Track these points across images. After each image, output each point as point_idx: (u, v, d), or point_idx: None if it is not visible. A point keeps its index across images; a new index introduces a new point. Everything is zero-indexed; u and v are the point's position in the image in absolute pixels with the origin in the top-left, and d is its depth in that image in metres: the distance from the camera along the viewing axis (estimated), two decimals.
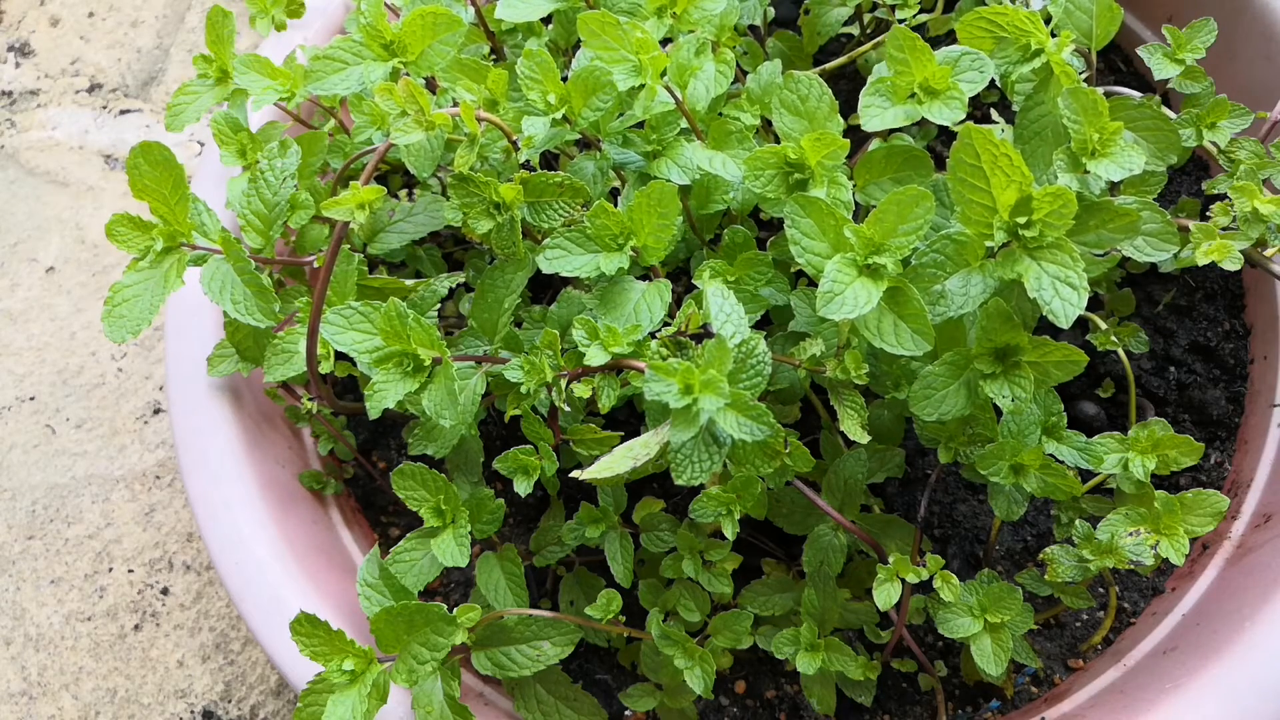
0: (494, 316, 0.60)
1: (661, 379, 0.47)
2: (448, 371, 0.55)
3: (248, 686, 0.93)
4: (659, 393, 0.46)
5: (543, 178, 0.57)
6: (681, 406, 0.46)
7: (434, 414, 0.55)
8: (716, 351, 0.47)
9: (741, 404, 0.46)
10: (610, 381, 0.54)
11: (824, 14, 0.75)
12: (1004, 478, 0.59)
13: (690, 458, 0.49)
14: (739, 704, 0.73)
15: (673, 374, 0.46)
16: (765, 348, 0.48)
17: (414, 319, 0.54)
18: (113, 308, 0.57)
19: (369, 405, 0.55)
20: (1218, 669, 0.59)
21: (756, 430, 0.46)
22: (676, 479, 0.48)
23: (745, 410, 0.46)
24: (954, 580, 0.61)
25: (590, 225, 0.57)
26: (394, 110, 0.52)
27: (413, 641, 0.56)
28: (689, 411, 0.46)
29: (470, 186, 0.57)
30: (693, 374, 0.46)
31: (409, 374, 0.55)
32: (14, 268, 1.17)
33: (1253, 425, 0.77)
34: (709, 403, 0.46)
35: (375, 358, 0.55)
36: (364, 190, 0.52)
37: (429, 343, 0.55)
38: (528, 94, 0.58)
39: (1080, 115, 0.53)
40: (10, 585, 0.99)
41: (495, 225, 0.58)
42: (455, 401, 0.55)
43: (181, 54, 1.31)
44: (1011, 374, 0.53)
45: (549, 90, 0.58)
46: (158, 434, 1.05)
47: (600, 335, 0.52)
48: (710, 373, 0.46)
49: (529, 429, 0.61)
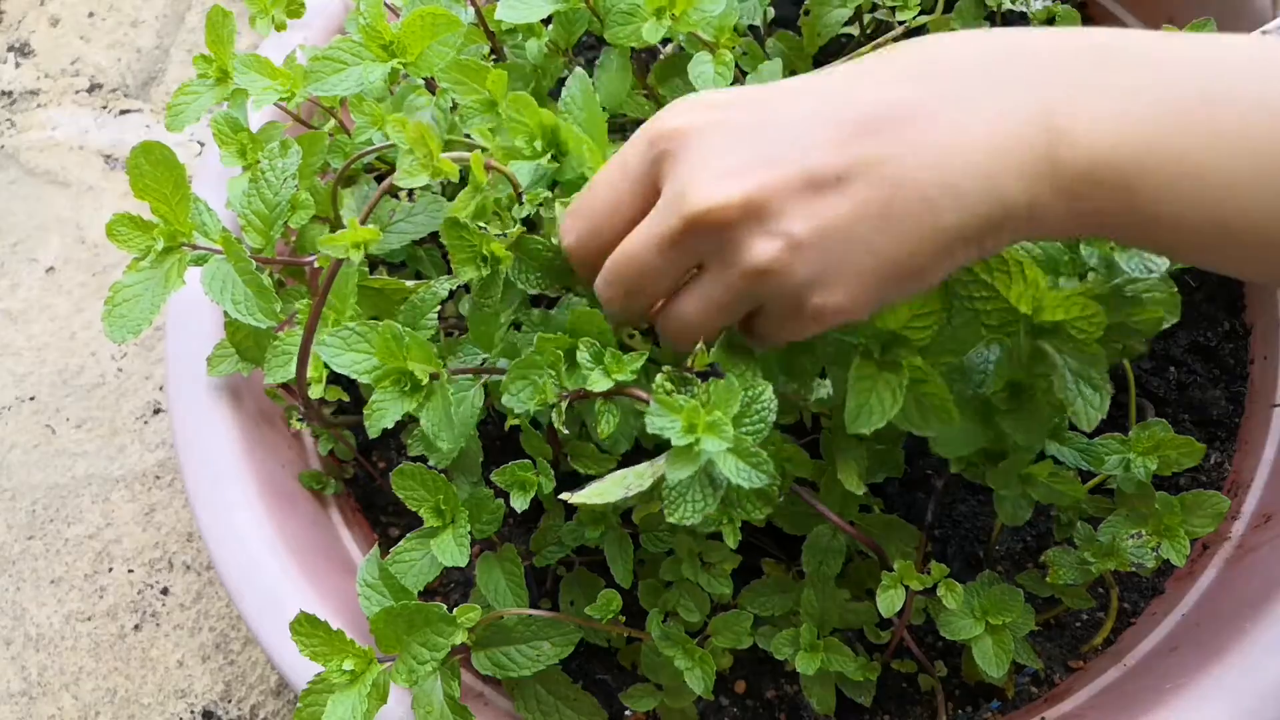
0: (490, 330, 0.60)
1: (666, 414, 0.46)
2: (444, 391, 0.55)
3: (248, 686, 0.93)
4: (661, 427, 0.46)
5: (536, 243, 0.56)
6: (683, 445, 0.46)
7: (432, 435, 0.55)
8: (725, 394, 0.46)
9: (744, 450, 0.46)
10: (610, 408, 0.53)
11: (824, 14, 0.75)
12: (1011, 488, 0.59)
13: (685, 496, 0.48)
14: (739, 704, 0.73)
15: (678, 411, 0.46)
16: (772, 395, 0.47)
17: (410, 337, 0.54)
18: (113, 308, 0.57)
19: (368, 425, 0.55)
20: (1218, 669, 0.59)
21: (756, 478, 0.45)
22: (669, 517, 0.48)
23: (747, 456, 0.46)
24: (958, 589, 0.61)
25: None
26: (403, 145, 0.51)
27: (413, 641, 0.56)
28: (690, 451, 0.46)
29: (464, 234, 0.55)
30: (698, 414, 0.46)
31: (406, 393, 0.55)
32: (14, 268, 1.17)
33: (1253, 425, 0.77)
34: (711, 444, 0.45)
35: (374, 377, 0.55)
36: (362, 231, 0.51)
37: (426, 359, 0.55)
38: (513, 139, 0.57)
39: None
40: (10, 585, 0.99)
41: (479, 277, 0.56)
42: (452, 423, 0.55)
43: (181, 54, 1.31)
44: (1026, 407, 0.52)
45: (535, 135, 0.57)
46: (158, 434, 1.05)
47: (605, 360, 0.52)
48: (716, 414, 0.46)
49: (528, 444, 0.61)
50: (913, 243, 0.40)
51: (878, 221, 0.40)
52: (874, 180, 0.40)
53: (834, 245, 0.41)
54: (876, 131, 0.41)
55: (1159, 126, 0.38)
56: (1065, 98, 0.39)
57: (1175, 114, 0.38)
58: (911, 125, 0.40)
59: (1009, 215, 0.40)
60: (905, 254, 0.41)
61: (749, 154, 0.43)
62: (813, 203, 0.41)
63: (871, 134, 0.41)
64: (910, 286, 0.43)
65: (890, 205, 0.40)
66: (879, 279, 0.42)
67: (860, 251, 0.41)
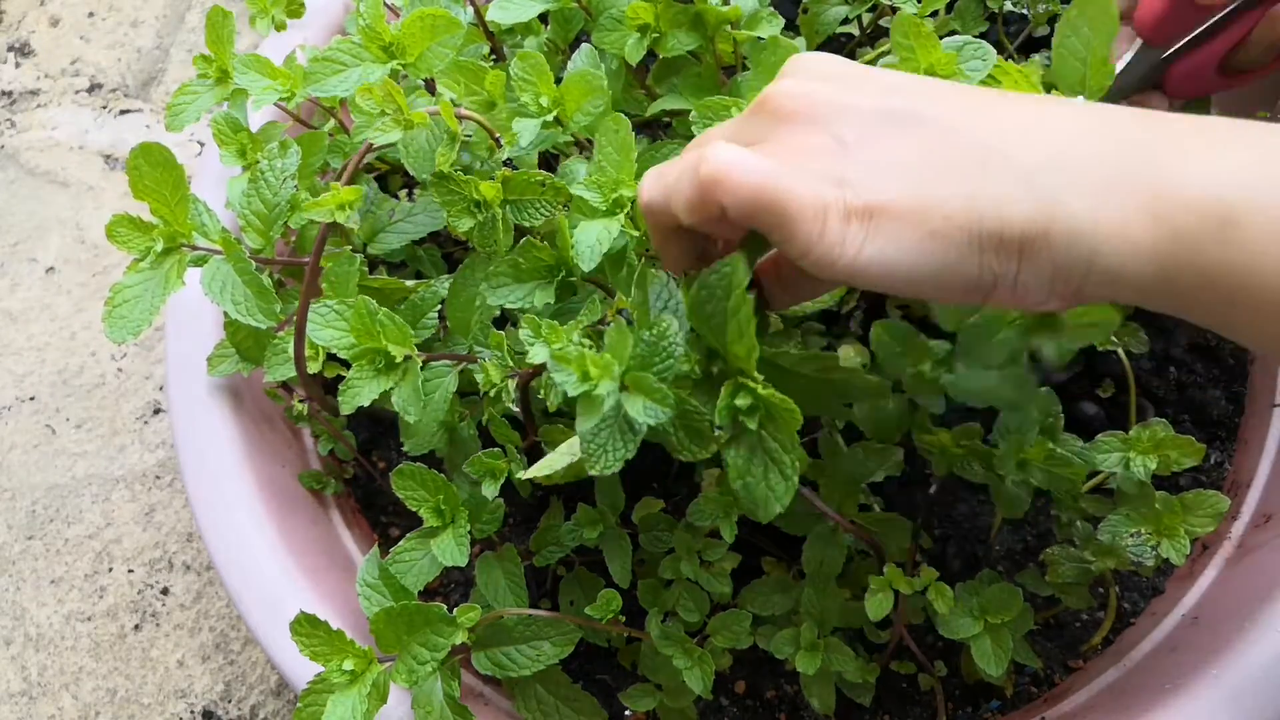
0: (467, 316, 0.61)
1: (562, 368, 0.45)
2: (414, 368, 0.56)
3: (248, 686, 0.93)
4: (561, 381, 0.45)
5: (524, 176, 0.57)
6: (581, 393, 0.45)
7: (401, 410, 0.56)
8: (616, 337, 0.45)
9: (645, 386, 0.44)
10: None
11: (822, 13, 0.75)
12: (1010, 472, 0.59)
13: (604, 446, 0.47)
14: (739, 704, 0.73)
15: (569, 361, 0.45)
16: (678, 331, 0.45)
17: (384, 315, 0.55)
18: (113, 308, 0.57)
19: (341, 401, 0.56)
20: (1218, 669, 0.59)
21: (660, 413, 0.44)
22: (590, 469, 0.47)
23: (649, 392, 0.44)
24: (948, 592, 0.61)
25: (522, 259, 0.58)
26: (375, 109, 0.53)
27: (413, 642, 0.56)
28: (589, 398, 0.45)
29: (451, 185, 0.57)
30: (589, 359, 0.45)
31: (381, 371, 0.56)
32: (14, 268, 1.17)
33: (1253, 425, 0.77)
34: (605, 386, 0.45)
35: (351, 354, 0.56)
36: (344, 191, 0.52)
37: (401, 340, 0.55)
38: (520, 95, 0.58)
39: None
40: (10, 585, 0.99)
41: (477, 223, 0.58)
42: (420, 398, 0.55)
43: (181, 54, 1.31)
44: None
45: (542, 92, 0.58)
46: (158, 434, 1.05)
47: (543, 332, 0.51)
48: (606, 357, 0.45)
49: (496, 432, 0.62)
50: (949, 196, 0.38)
51: (927, 164, 0.39)
52: (940, 129, 0.40)
53: (875, 163, 0.40)
54: (964, 96, 0.41)
55: (1267, 168, 0.35)
56: (1170, 136, 0.37)
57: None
58: (1001, 104, 0.41)
59: (1063, 229, 0.37)
60: (935, 201, 0.38)
61: (842, 80, 0.43)
62: (871, 125, 0.40)
63: (960, 97, 0.41)
64: (931, 254, 0.39)
65: (946, 155, 0.39)
66: (901, 213, 0.39)
67: (895, 179, 0.39)
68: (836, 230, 0.39)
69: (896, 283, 0.39)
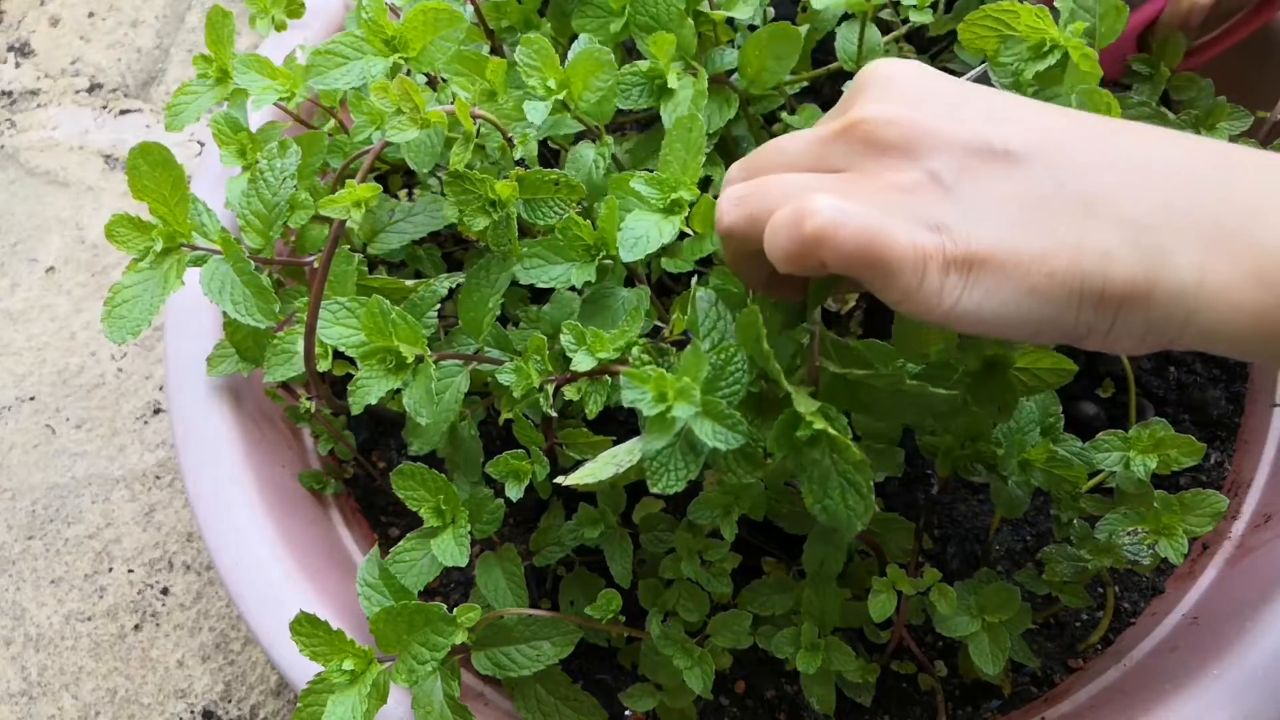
0: (479, 315, 0.61)
1: (636, 386, 0.46)
2: (426, 369, 0.55)
3: (248, 686, 0.93)
4: (634, 400, 0.46)
5: (538, 175, 0.57)
6: (655, 414, 0.46)
7: (412, 411, 0.55)
8: (691, 359, 0.46)
9: (716, 412, 0.45)
10: (598, 387, 0.53)
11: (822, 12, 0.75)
12: (1012, 473, 0.59)
13: (666, 465, 0.47)
14: (739, 704, 0.73)
15: (646, 381, 0.46)
16: (744, 357, 0.47)
17: (396, 314, 0.55)
18: (113, 308, 0.57)
19: (351, 401, 0.55)
20: (1218, 669, 0.59)
21: (731, 439, 0.45)
22: (652, 486, 0.47)
23: (720, 418, 0.45)
24: (951, 593, 0.61)
25: (562, 237, 0.57)
26: (390, 108, 0.53)
27: (413, 641, 0.56)
28: (663, 419, 0.46)
29: (466, 184, 0.57)
30: (666, 381, 0.46)
31: (391, 371, 0.55)
32: (14, 268, 1.17)
33: (1253, 425, 0.77)
34: (682, 410, 0.45)
35: (361, 353, 0.56)
36: (360, 188, 0.52)
37: (412, 339, 0.55)
38: (527, 80, 0.58)
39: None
40: (10, 585, 0.99)
41: (491, 223, 0.58)
42: (432, 400, 0.55)
43: (181, 54, 1.31)
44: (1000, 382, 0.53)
45: (549, 75, 0.58)
46: (158, 434, 1.05)
47: (588, 341, 0.52)
48: (684, 380, 0.45)
49: (520, 433, 0.61)
50: (1051, 249, 0.37)
51: (1028, 208, 0.38)
52: (1042, 169, 0.38)
53: (973, 205, 0.38)
54: (1066, 129, 0.40)
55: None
56: (1275, 188, 0.37)
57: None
58: (1105, 139, 0.39)
59: (1165, 290, 0.36)
60: (1036, 253, 0.37)
61: (938, 102, 0.41)
62: (970, 161, 0.39)
63: (1062, 131, 0.40)
64: (1030, 309, 0.38)
65: (1048, 200, 0.38)
66: (1001, 265, 0.37)
67: (995, 226, 0.38)
68: (935, 281, 0.38)
69: (990, 330, 0.39)
